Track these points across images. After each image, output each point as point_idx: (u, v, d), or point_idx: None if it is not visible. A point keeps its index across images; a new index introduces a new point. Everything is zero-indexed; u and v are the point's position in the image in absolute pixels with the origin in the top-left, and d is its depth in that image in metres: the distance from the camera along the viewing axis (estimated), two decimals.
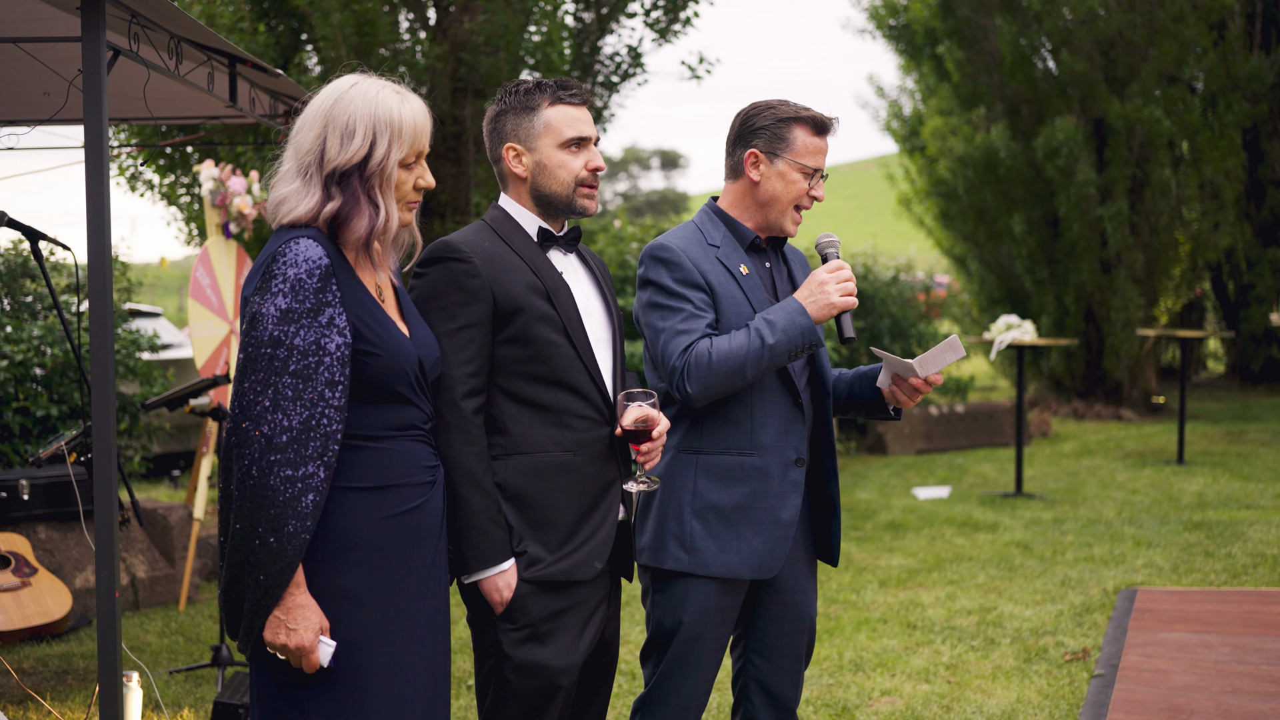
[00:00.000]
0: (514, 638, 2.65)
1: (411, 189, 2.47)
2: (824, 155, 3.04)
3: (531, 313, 2.67)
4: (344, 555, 2.35)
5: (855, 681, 4.80)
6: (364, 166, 2.39)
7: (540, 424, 2.69)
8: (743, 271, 3.01)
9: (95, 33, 3.02)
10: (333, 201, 2.38)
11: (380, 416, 2.41)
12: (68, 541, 5.99)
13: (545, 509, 2.68)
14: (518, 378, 2.68)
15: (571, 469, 2.70)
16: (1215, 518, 7.73)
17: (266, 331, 2.28)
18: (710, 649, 3.04)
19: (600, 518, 2.74)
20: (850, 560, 6.92)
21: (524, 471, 2.67)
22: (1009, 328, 8.91)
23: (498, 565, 2.62)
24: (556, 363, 2.69)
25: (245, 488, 2.26)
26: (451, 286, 2.64)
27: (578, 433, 2.71)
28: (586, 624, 2.74)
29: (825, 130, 3.02)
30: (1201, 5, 12.80)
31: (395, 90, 2.46)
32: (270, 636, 2.30)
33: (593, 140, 2.80)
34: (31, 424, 6.49)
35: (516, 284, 2.68)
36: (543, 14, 8.15)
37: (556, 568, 2.67)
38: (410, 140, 2.43)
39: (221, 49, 3.94)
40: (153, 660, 5.22)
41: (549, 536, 2.67)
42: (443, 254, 2.68)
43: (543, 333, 2.68)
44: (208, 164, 6.14)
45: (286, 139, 2.51)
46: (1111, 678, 4.72)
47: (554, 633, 2.68)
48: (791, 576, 3.11)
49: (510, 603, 2.64)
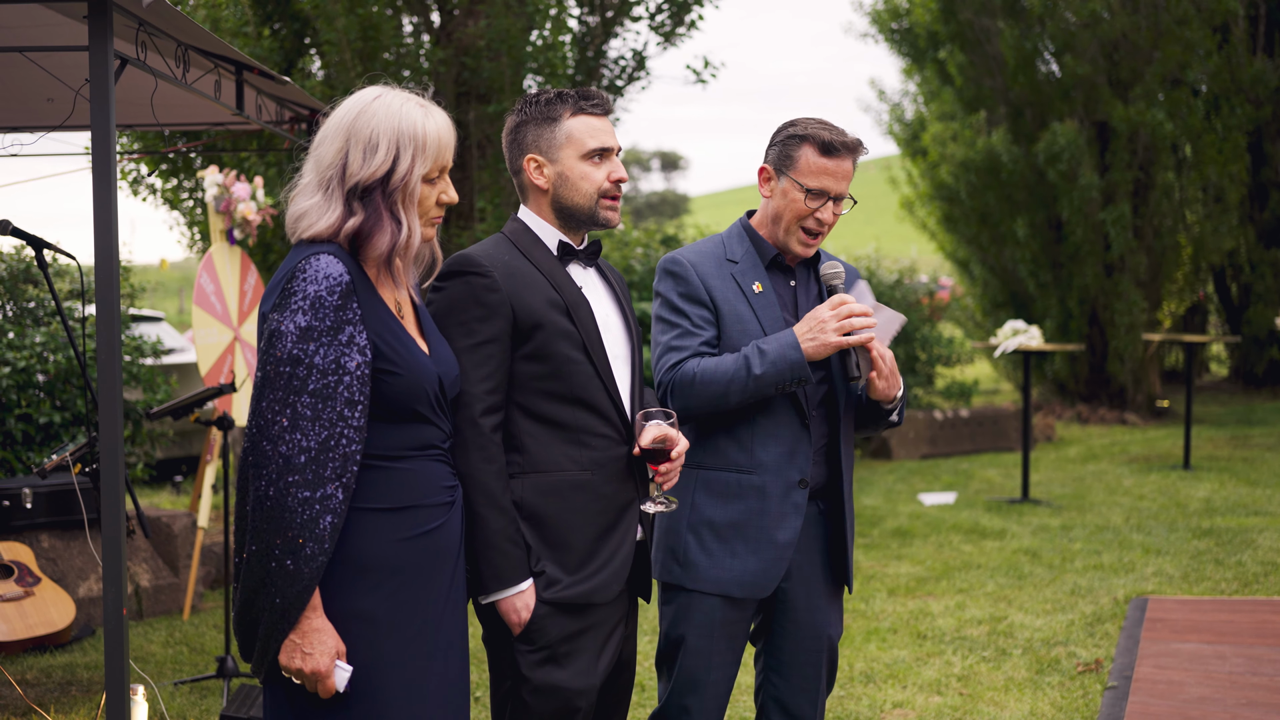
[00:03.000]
0: (532, 659, 2.61)
1: (434, 204, 2.43)
2: (832, 178, 2.93)
3: (551, 329, 2.62)
4: (362, 578, 2.31)
5: (867, 694, 4.76)
6: (387, 181, 2.34)
7: (558, 442, 2.64)
8: (756, 289, 2.97)
9: (103, 41, 2.98)
10: (354, 217, 2.33)
11: (400, 436, 2.36)
12: (71, 550, 5.95)
13: (562, 528, 2.63)
14: (536, 395, 2.64)
15: (589, 488, 2.65)
16: (1224, 524, 7.69)
17: (285, 350, 2.24)
18: (719, 664, 3.00)
19: (619, 539, 2.69)
20: (858, 568, 6.88)
21: (541, 490, 2.62)
22: (1015, 333, 8.86)
23: (516, 585, 2.57)
24: (575, 380, 2.64)
25: (262, 508, 2.22)
26: (470, 301, 2.59)
27: (596, 451, 2.67)
28: (605, 645, 2.70)
29: (832, 152, 2.92)
30: (1205, 8, 12.76)
31: (419, 103, 2.41)
32: (285, 661, 2.26)
33: (615, 151, 2.75)
34: (34, 431, 6.44)
35: (536, 299, 2.63)
36: (544, 17, 8.10)
37: (575, 590, 2.62)
38: (434, 155, 2.38)
39: (228, 56, 3.90)
40: (157, 671, 5.17)
41: (567, 557, 2.62)
42: (461, 268, 2.63)
43: (562, 349, 2.63)
44: (211, 169, 6.10)
45: (291, 145, 2.47)
46: (1125, 690, 4.68)
47: (572, 654, 2.63)
48: (805, 595, 3.06)
49: (528, 624, 2.59)
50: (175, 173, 8.57)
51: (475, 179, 8.29)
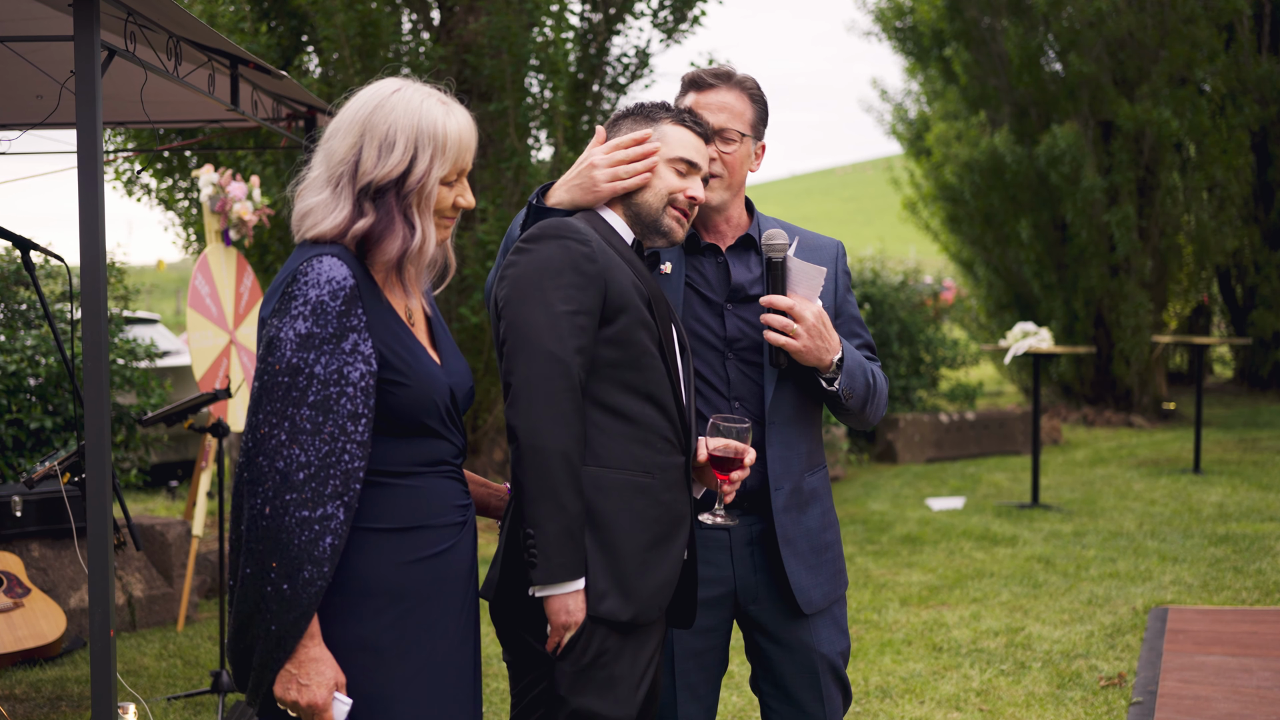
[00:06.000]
0: (573, 681, 2.37)
1: (449, 208, 2.26)
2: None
3: (634, 315, 2.44)
4: (364, 603, 2.14)
5: (884, 710, 4.61)
6: (402, 182, 2.17)
7: (624, 439, 2.43)
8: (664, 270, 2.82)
9: (88, 32, 2.83)
10: (364, 219, 2.16)
11: (406, 451, 2.20)
12: (62, 560, 5.79)
13: (614, 531, 2.40)
14: (610, 384, 2.43)
15: (649, 493, 2.44)
16: (1240, 531, 7.54)
17: (284, 358, 2.07)
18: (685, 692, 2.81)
19: (669, 554, 2.48)
20: (869, 576, 6.73)
21: (600, 486, 2.40)
22: (1026, 335, 8.72)
23: (574, 582, 2.34)
24: (651, 374, 2.46)
25: (257, 529, 2.05)
26: (568, 266, 2.39)
27: (659, 455, 2.47)
28: (645, 672, 2.47)
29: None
30: (1212, 7, 12.63)
31: (440, 99, 2.23)
32: (280, 692, 2.09)
33: (702, 173, 2.61)
34: (25, 436, 6.28)
35: (625, 281, 2.45)
36: (545, 12, 7.95)
37: (619, 608, 2.39)
38: (454, 157, 2.21)
39: (223, 49, 3.74)
40: (150, 685, 5.01)
41: (617, 565, 2.39)
42: (559, 232, 2.43)
43: (642, 339, 2.45)
44: (207, 169, 5.93)
45: (289, 143, 2.31)
46: (1151, 705, 4.53)
47: (613, 681, 2.40)
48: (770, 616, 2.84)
49: (572, 636, 2.36)
50: (170, 172, 8.41)
51: (477, 179, 8.14)
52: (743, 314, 2.78)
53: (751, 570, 2.78)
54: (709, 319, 2.77)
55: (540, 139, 8.32)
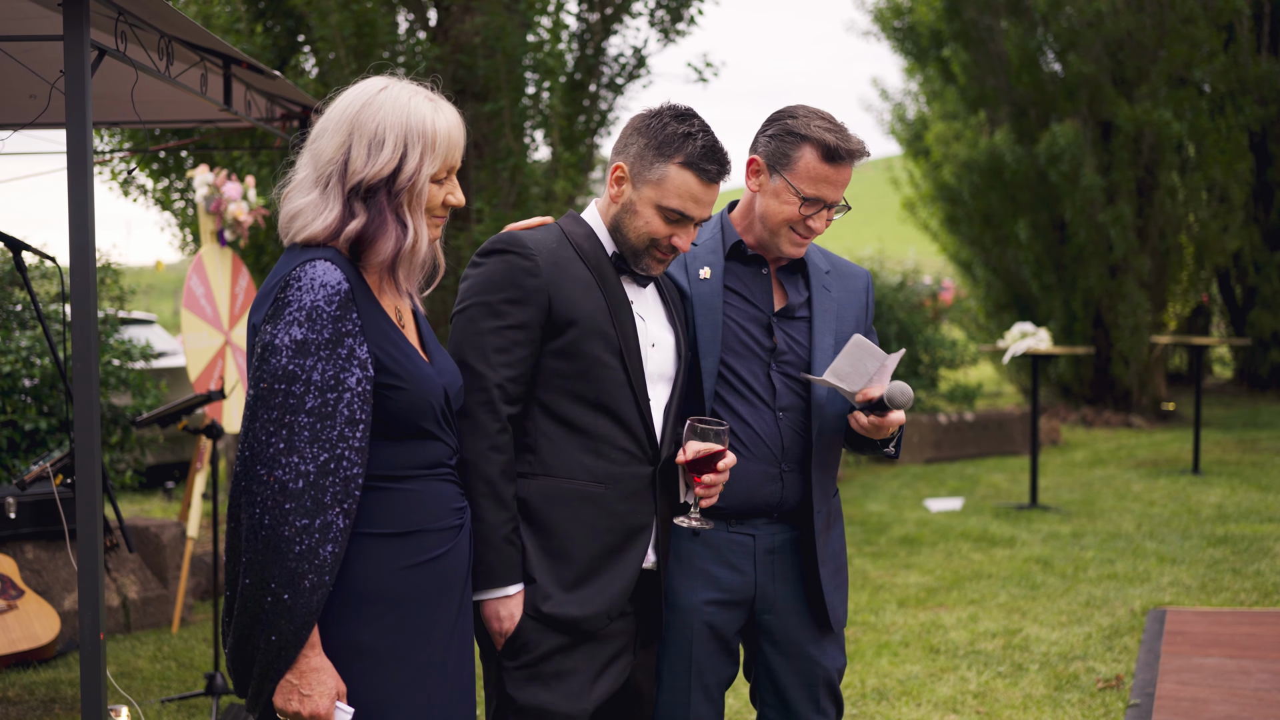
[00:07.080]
0: (517, 677, 2.44)
1: (439, 206, 2.23)
2: (831, 186, 2.65)
3: (586, 327, 2.46)
4: (362, 608, 2.12)
5: (880, 712, 4.59)
6: (392, 181, 2.15)
7: (574, 448, 2.47)
8: (703, 275, 2.74)
9: (78, 31, 2.81)
10: (356, 219, 2.14)
11: (403, 454, 2.18)
12: (56, 562, 5.77)
13: (564, 540, 2.45)
14: (560, 394, 2.47)
15: (599, 502, 2.47)
16: (1238, 532, 7.52)
17: (280, 365, 2.04)
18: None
19: (623, 564, 2.50)
20: (867, 578, 6.71)
21: (548, 495, 2.45)
22: (1024, 335, 8.70)
23: (504, 588, 2.40)
24: (603, 385, 2.47)
25: (256, 538, 2.02)
26: (507, 282, 2.44)
27: (612, 465, 2.49)
28: (602, 670, 2.50)
29: (835, 159, 2.63)
30: (1211, 7, 12.61)
31: (428, 97, 2.21)
32: (281, 703, 2.07)
33: (696, 221, 2.54)
34: (19, 438, 6.25)
35: (576, 293, 2.46)
36: (540, 11, 7.93)
37: (565, 609, 2.44)
38: (444, 155, 2.19)
39: (215, 49, 3.72)
40: (144, 688, 4.99)
41: (563, 571, 2.45)
42: (505, 246, 2.47)
43: (594, 350, 2.46)
44: (202, 169, 5.91)
45: (283, 143, 2.28)
46: (1148, 707, 4.51)
47: (561, 675, 2.45)
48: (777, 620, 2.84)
49: (512, 636, 2.43)
50: (166, 173, 8.38)
51: (473, 179, 8.11)
52: (789, 329, 2.81)
53: (771, 579, 2.79)
54: (753, 329, 2.78)
55: (536, 139, 8.30)
